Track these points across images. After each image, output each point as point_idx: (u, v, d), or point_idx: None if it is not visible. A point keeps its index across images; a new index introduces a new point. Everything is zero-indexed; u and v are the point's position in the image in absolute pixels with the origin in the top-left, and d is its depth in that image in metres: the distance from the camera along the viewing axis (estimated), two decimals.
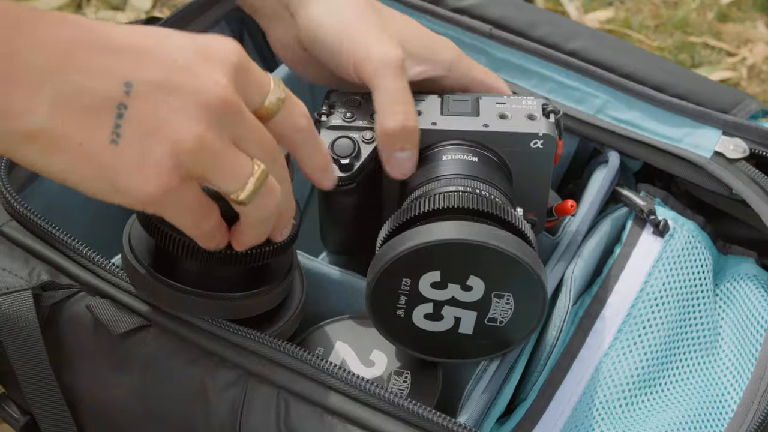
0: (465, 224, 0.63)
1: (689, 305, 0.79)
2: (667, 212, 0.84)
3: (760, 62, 1.57)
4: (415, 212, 0.66)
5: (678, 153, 0.84)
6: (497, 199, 0.67)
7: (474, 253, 0.63)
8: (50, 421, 0.70)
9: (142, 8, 1.46)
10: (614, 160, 0.86)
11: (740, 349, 0.77)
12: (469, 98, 0.74)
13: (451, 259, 0.63)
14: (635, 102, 0.86)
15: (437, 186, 0.69)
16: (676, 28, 1.60)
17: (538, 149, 0.71)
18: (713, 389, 0.76)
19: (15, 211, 0.71)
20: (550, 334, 0.74)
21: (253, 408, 0.65)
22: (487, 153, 0.72)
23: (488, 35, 0.89)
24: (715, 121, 0.85)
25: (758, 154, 0.83)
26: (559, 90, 0.88)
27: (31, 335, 0.68)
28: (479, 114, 0.73)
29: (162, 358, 0.67)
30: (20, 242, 0.71)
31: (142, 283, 0.67)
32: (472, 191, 0.67)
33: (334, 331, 0.74)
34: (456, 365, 0.74)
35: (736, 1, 1.67)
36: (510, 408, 0.74)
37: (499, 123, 0.72)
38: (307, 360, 0.65)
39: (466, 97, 0.74)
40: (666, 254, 0.81)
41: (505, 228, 0.64)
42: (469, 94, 0.75)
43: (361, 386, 0.64)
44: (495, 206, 0.65)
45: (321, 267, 0.76)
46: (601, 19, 1.62)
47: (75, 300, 0.69)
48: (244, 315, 0.68)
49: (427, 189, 0.69)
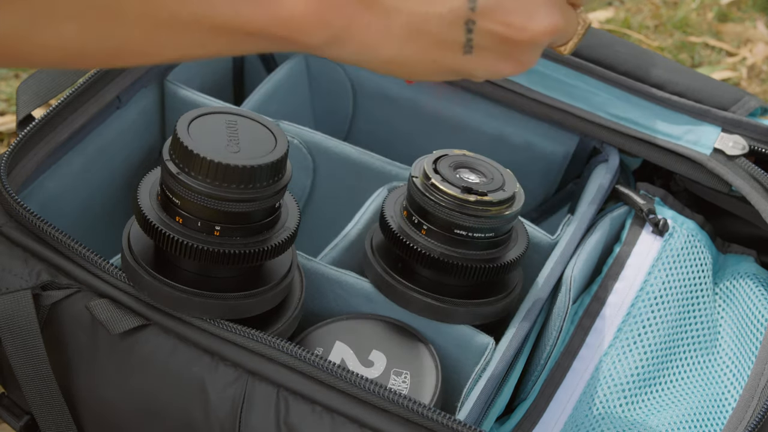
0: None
1: (689, 304, 0.79)
2: (666, 211, 0.84)
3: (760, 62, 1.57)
4: None
5: (677, 150, 0.84)
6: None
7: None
8: (50, 421, 0.70)
9: None
10: (614, 159, 0.86)
11: (740, 347, 0.77)
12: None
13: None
14: (635, 99, 0.86)
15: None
16: (676, 28, 1.60)
17: None
18: (713, 387, 0.76)
19: (15, 212, 0.71)
20: (550, 334, 0.74)
21: (253, 406, 0.65)
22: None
23: None
24: (714, 118, 0.85)
25: (757, 151, 0.83)
26: (559, 87, 0.88)
27: (31, 335, 0.68)
28: None
29: (161, 358, 0.67)
30: (20, 242, 0.71)
31: (141, 283, 0.67)
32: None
33: (334, 331, 0.74)
34: (454, 365, 0.74)
35: (736, 1, 1.67)
36: (510, 408, 0.74)
37: None
38: (307, 359, 0.65)
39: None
40: (665, 253, 0.81)
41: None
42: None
43: (361, 385, 0.64)
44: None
45: (321, 267, 0.76)
46: (601, 19, 1.62)
47: (74, 300, 0.69)
48: (243, 315, 0.68)
49: None
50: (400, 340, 0.73)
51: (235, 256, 0.65)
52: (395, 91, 0.96)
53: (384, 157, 0.86)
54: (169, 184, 0.64)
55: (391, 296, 0.74)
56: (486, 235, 0.71)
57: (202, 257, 0.64)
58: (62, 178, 0.81)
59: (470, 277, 0.72)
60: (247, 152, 0.63)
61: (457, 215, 0.70)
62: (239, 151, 0.63)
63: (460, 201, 0.70)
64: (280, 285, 0.69)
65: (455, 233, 0.71)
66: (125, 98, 0.85)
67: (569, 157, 0.91)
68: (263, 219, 0.66)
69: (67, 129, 0.80)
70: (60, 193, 0.81)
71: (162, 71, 0.90)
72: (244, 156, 0.63)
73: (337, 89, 0.99)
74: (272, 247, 0.66)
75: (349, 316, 0.75)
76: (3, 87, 1.32)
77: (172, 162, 0.64)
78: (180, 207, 0.64)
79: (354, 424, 0.64)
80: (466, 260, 0.71)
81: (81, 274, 0.70)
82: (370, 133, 1.00)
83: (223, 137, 0.64)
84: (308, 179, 0.89)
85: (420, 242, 0.72)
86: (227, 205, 0.63)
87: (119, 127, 0.86)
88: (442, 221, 0.71)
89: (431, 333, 0.74)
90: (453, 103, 0.94)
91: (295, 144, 0.86)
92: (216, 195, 0.63)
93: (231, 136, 0.65)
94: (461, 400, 0.69)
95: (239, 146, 0.64)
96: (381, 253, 0.75)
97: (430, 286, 0.73)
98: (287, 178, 0.66)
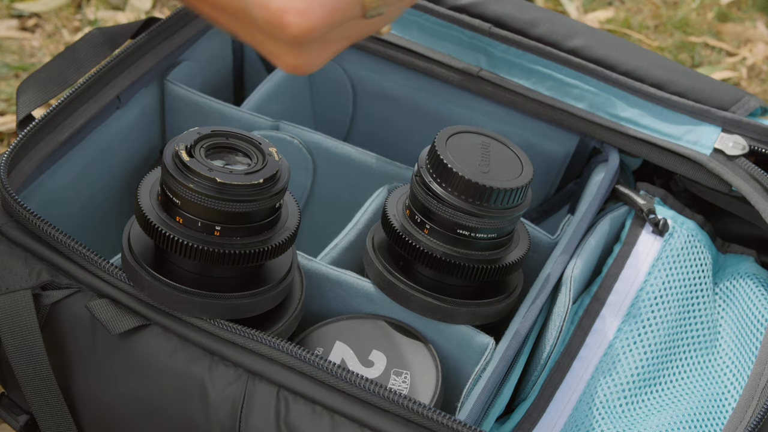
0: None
1: (689, 304, 0.79)
2: (666, 211, 0.84)
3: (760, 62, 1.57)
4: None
5: (677, 150, 0.84)
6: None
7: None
8: (50, 420, 0.70)
9: (143, 8, 1.46)
10: (614, 159, 0.86)
11: (740, 347, 0.77)
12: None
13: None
14: (635, 99, 0.86)
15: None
16: (676, 28, 1.60)
17: None
18: (713, 387, 0.76)
19: (15, 212, 0.71)
20: (550, 334, 0.74)
21: (253, 406, 0.65)
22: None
23: (488, 33, 0.89)
24: (714, 119, 0.85)
25: (757, 151, 0.83)
26: (559, 88, 0.88)
27: (31, 335, 0.68)
28: None
29: (161, 358, 0.67)
30: (20, 242, 0.71)
31: (141, 283, 0.67)
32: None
33: (334, 331, 0.74)
34: (454, 365, 0.74)
35: (736, 1, 1.67)
36: (510, 408, 0.74)
37: None
38: (307, 359, 0.65)
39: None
40: (665, 253, 0.81)
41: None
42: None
43: (361, 385, 0.64)
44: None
45: (320, 267, 0.76)
46: (601, 19, 1.62)
47: (74, 300, 0.69)
48: (243, 315, 0.68)
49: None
50: (400, 340, 0.73)
51: (235, 256, 0.65)
52: (395, 91, 0.96)
53: (384, 157, 0.86)
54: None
55: (392, 295, 0.74)
56: (488, 236, 0.71)
57: (202, 257, 0.64)
58: (62, 178, 0.81)
59: (472, 278, 0.72)
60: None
61: (461, 215, 0.70)
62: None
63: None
64: (281, 285, 0.69)
65: (458, 233, 0.71)
66: (125, 98, 0.85)
67: (569, 157, 0.91)
68: (263, 219, 0.66)
69: (67, 129, 0.80)
70: (60, 193, 0.81)
71: (162, 71, 0.90)
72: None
73: (337, 89, 0.99)
74: (272, 247, 0.66)
75: (349, 316, 0.75)
76: (3, 87, 1.32)
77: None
78: (180, 207, 0.64)
79: (354, 424, 0.64)
80: (468, 260, 0.71)
81: (81, 274, 0.70)
82: (370, 133, 1.00)
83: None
84: (308, 179, 0.89)
85: (422, 241, 0.72)
86: (227, 206, 0.63)
87: (119, 127, 0.86)
88: (445, 221, 0.71)
89: (431, 333, 0.74)
90: (453, 103, 0.94)
91: (295, 144, 0.86)
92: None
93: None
94: (461, 400, 0.69)
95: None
96: (382, 252, 0.75)
97: (432, 286, 0.73)
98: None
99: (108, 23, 1.45)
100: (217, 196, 0.63)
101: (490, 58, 0.90)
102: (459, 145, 0.71)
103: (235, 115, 0.88)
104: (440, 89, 0.94)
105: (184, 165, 0.63)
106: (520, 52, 0.89)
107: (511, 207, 0.70)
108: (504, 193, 0.69)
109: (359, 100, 0.99)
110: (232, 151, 0.67)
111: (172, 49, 0.89)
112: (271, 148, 0.67)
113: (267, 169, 0.65)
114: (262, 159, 0.66)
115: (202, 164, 0.64)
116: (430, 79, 0.94)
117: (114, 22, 1.45)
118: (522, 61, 0.89)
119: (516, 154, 0.73)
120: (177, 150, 0.64)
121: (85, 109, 0.81)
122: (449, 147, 0.71)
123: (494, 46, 0.89)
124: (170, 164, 0.64)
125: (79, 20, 1.45)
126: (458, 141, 0.72)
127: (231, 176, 0.63)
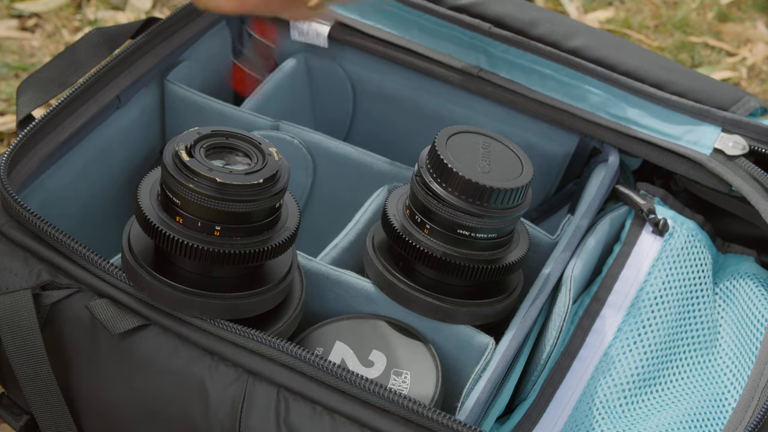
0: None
1: (689, 304, 0.79)
2: (666, 211, 0.84)
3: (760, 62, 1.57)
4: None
5: (677, 150, 0.84)
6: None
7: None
8: (50, 420, 0.70)
9: (143, 8, 1.46)
10: (614, 159, 0.86)
11: (740, 347, 0.77)
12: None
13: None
14: (635, 99, 0.86)
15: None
16: (676, 28, 1.60)
17: None
18: (713, 387, 0.76)
19: (15, 212, 0.71)
20: (550, 334, 0.74)
21: (253, 407, 0.65)
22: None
23: (488, 33, 0.89)
24: (714, 119, 0.85)
25: (757, 151, 0.83)
26: (559, 88, 0.88)
27: (31, 335, 0.68)
28: None
29: (161, 358, 0.67)
30: (20, 242, 0.71)
31: (141, 283, 0.67)
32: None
33: (334, 331, 0.74)
34: (454, 365, 0.74)
35: (736, 1, 1.67)
36: (510, 408, 0.74)
37: None
38: (307, 359, 0.65)
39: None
40: (665, 253, 0.81)
41: None
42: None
43: (361, 385, 0.64)
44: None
45: (320, 267, 0.76)
46: (601, 19, 1.62)
47: (74, 300, 0.69)
48: (243, 315, 0.68)
49: None
50: (400, 340, 0.73)
51: (235, 256, 0.65)
52: (395, 91, 0.96)
53: (384, 157, 0.86)
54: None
55: (392, 295, 0.74)
56: (488, 236, 0.71)
57: (202, 257, 0.64)
58: (62, 177, 0.81)
59: (472, 278, 0.72)
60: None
61: (461, 215, 0.70)
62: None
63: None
64: (281, 285, 0.69)
65: (458, 233, 0.71)
66: (125, 98, 0.85)
67: (569, 157, 0.91)
68: (263, 219, 0.66)
69: (67, 129, 0.80)
70: (60, 193, 0.81)
71: (162, 71, 0.90)
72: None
73: (337, 89, 0.99)
74: (272, 247, 0.66)
75: (349, 316, 0.75)
76: (3, 87, 1.32)
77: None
78: (180, 207, 0.64)
79: (354, 424, 0.64)
80: (468, 260, 0.71)
81: (81, 274, 0.70)
82: (370, 133, 1.00)
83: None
84: (308, 179, 0.89)
85: (422, 241, 0.72)
86: (227, 206, 0.63)
87: (119, 127, 0.86)
88: (445, 221, 0.71)
89: (431, 333, 0.74)
90: (453, 103, 0.94)
91: (295, 144, 0.86)
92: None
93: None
94: (461, 400, 0.69)
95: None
96: (382, 252, 0.75)
97: (432, 286, 0.73)
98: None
99: (108, 23, 1.45)
100: (217, 196, 0.63)
101: (490, 58, 0.90)
102: (459, 145, 0.72)
103: (235, 115, 0.88)
104: (440, 89, 0.94)
105: (184, 165, 0.63)
106: (520, 52, 0.89)
107: (512, 207, 0.70)
108: (504, 193, 0.69)
109: (359, 100, 0.99)
110: (232, 151, 0.67)
111: (172, 49, 0.89)
112: (271, 148, 0.67)
113: (267, 169, 0.65)
114: (262, 159, 0.66)
115: (202, 164, 0.64)
116: (430, 79, 0.94)
117: (114, 22, 1.45)
118: (522, 61, 0.89)
119: (516, 154, 0.73)
120: (177, 150, 0.64)
121: (85, 109, 0.81)
122: (449, 147, 0.71)
123: (494, 46, 0.89)
124: (170, 164, 0.64)
125: (79, 20, 1.45)
126: (458, 141, 0.72)
127: (231, 176, 0.63)
